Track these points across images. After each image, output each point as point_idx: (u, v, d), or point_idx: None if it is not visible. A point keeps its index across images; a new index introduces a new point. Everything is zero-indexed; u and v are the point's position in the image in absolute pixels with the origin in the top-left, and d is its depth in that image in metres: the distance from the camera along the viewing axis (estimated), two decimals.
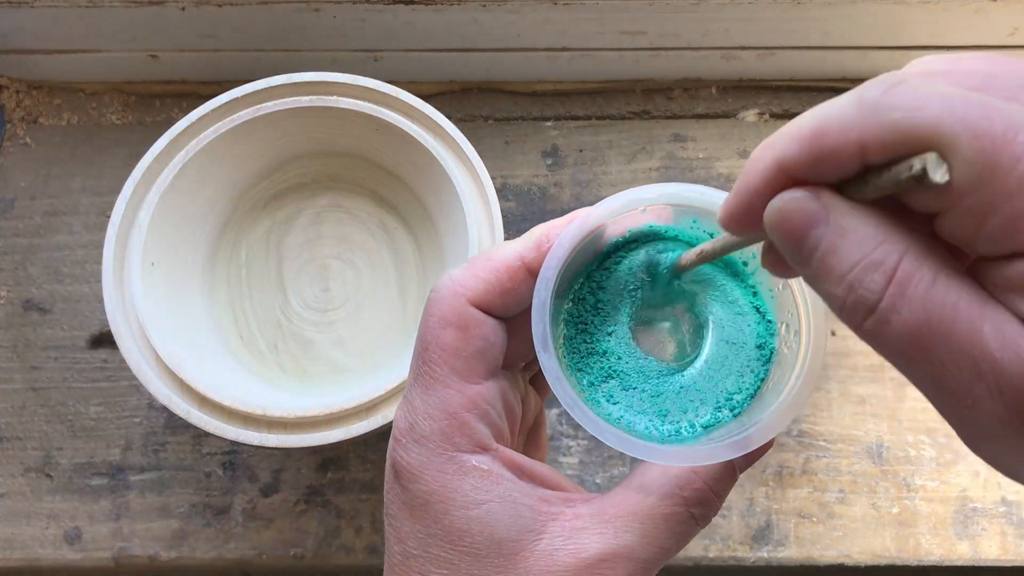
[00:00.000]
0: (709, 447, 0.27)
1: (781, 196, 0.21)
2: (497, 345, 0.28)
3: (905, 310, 0.19)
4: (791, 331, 0.29)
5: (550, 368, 0.27)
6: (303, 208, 0.52)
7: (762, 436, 0.27)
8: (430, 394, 0.28)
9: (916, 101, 0.18)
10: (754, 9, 0.53)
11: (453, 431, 0.27)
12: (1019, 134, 0.17)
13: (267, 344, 0.49)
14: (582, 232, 0.29)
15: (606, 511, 0.27)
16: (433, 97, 0.59)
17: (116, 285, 0.44)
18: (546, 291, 0.28)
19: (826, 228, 0.20)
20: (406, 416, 0.28)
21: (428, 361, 0.28)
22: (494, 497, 0.27)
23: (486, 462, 0.27)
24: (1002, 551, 0.49)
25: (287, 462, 0.51)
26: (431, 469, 0.27)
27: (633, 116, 0.59)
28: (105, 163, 0.58)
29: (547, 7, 0.53)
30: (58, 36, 0.56)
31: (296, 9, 0.53)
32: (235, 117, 0.47)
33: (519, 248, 0.29)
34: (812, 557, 0.49)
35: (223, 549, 0.50)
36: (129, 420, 0.52)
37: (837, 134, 0.20)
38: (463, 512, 0.26)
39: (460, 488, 0.27)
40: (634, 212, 0.30)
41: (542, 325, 0.27)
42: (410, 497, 0.27)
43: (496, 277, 0.28)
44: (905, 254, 0.19)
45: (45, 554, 0.50)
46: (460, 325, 0.28)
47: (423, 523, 0.27)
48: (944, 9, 0.53)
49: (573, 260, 0.29)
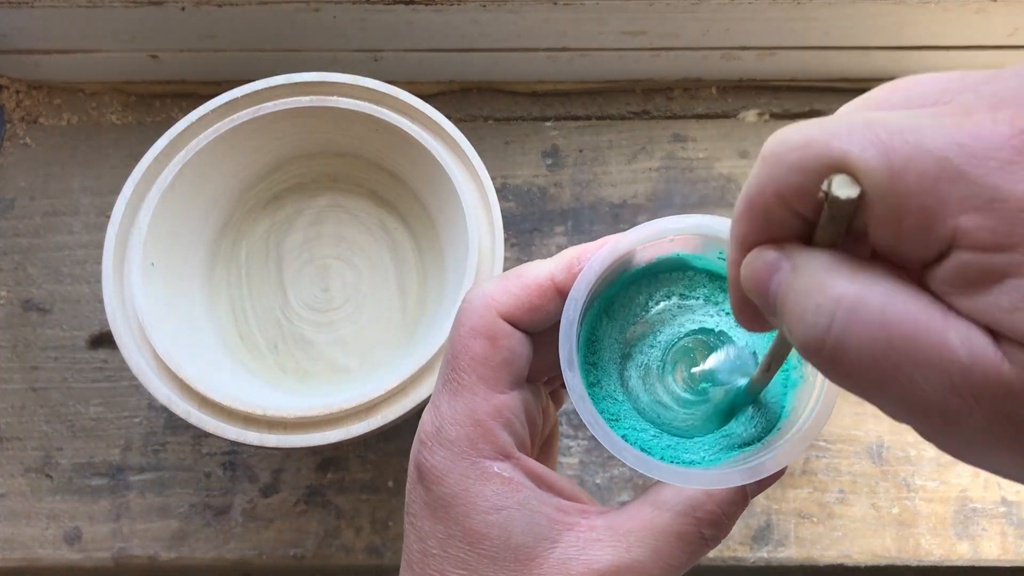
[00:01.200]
0: (723, 471, 0.28)
1: (747, 257, 0.22)
2: (523, 357, 0.29)
3: (862, 332, 0.18)
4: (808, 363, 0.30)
5: (575, 387, 0.28)
6: (303, 208, 0.52)
7: (775, 464, 0.28)
8: (457, 400, 0.29)
9: (804, 137, 0.19)
10: (754, 9, 0.53)
11: (478, 437, 0.28)
12: (904, 135, 0.18)
13: (267, 344, 0.49)
14: (612, 257, 0.29)
15: (620, 525, 0.28)
16: (433, 97, 0.59)
17: (116, 285, 0.44)
18: (574, 312, 0.29)
19: (784, 271, 0.20)
20: (433, 420, 0.29)
21: (457, 368, 0.29)
22: (513, 504, 0.28)
23: (508, 469, 0.28)
24: (1002, 551, 0.49)
25: (287, 462, 0.51)
26: (455, 473, 0.28)
27: (633, 116, 0.59)
28: (105, 163, 0.58)
29: (547, 7, 0.53)
30: (58, 36, 0.56)
31: (296, 9, 0.53)
32: (235, 117, 0.47)
33: (551, 268, 0.30)
34: (812, 557, 0.49)
35: (223, 549, 0.50)
36: (129, 420, 0.52)
37: (759, 196, 0.20)
38: (483, 516, 0.27)
39: (482, 493, 0.28)
40: (663, 240, 0.31)
41: (569, 345, 0.28)
42: (433, 498, 0.28)
43: (527, 294, 0.29)
44: (854, 276, 0.19)
45: (45, 554, 0.50)
46: (489, 336, 0.29)
47: (444, 524, 0.28)
48: (944, 9, 0.53)
49: (602, 283, 0.30)
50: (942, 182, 0.17)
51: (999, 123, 0.17)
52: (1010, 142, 0.17)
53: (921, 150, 0.17)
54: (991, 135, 0.17)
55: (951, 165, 0.17)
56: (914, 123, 0.18)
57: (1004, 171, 0.17)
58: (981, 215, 0.17)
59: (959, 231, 0.17)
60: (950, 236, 0.18)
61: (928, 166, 0.17)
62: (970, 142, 0.17)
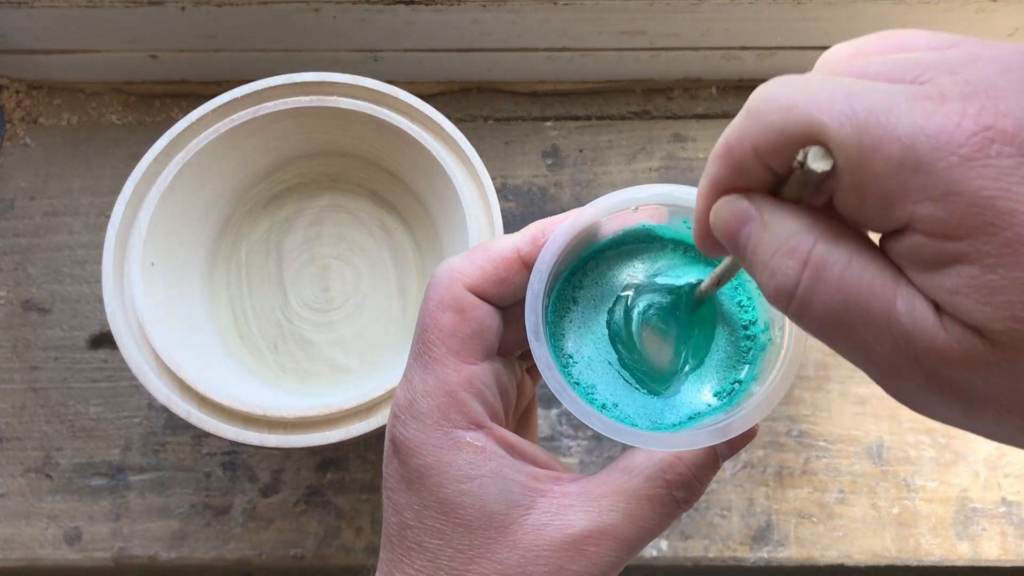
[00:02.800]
0: (691, 433, 0.28)
1: (719, 201, 0.23)
2: (492, 328, 0.30)
3: (823, 292, 0.20)
4: (775, 326, 0.31)
5: (541, 356, 0.29)
6: (303, 208, 0.52)
7: (742, 424, 0.28)
8: (428, 373, 0.29)
9: (788, 100, 0.20)
10: (754, 9, 0.53)
11: (449, 408, 0.28)
12: (879, 116, 0.19)
13: (267, 344, 0.49)
14: (575, 228, 0.30)
15: (592, 490, 0.29)
16: (433, 97, 0.59)
17: (116, 285, 0.44)
18: (539, 283, 0.29)
19: (754, 223, 0.22)
20: (405, 394, 0.29)
21: (426, 342, 0.29)
22: (486, 472, 0.28)
23: (479, 439, 0.28)
24: (1002, 551, 0.49)
25: (287, 462, 0.51)
26: (428, 444, 0.28)
27: (633, 116, 0.59)
28: (105, 163, 0.58)
29: (547, 7, 0.53)
30: (58, 36, 0.56)
31: (296, 9, 0.53)
32: (235, 117, 0.47)
33: (516, 241, 0.30)
34: (812, 557, 0.49)
35: (223, 549, 0.50)
36: (129, 420, 0.52)
37: (737, 146, 0.22)
38: (456, 485, 0.28)
39: (454, 462, 0.28)
40: (627, 211, 0.31)
41: (535, 316, 0.29)
42: (407, 471, 0.29)
43: (493, 266, 0.30)
44: (819, 240, 0.21)
45: (45, 554, 0.50)
46: (457, 308, 0.29)
47: (419, 495, 0.28)
48: (944, 9, 0.53)
49: (568, 255, 0.31)
50: (905, 169, 0.18)
51: (966, 116, 0.18)
52: (972, 139, 0.18)
53: (891, 135, 0.19)
54: (956, 129, 0.18)
55: (915, 155, 0.18)
56: (890, 103, 0.19)
57: (963, 166, 0.18)
58: (936, 205, 0.18)
59: (915, 216, 0.19)
60: (907, 219, 0.19)
61: (895, 152, 0.19)
62: (936, 133, 0.18)
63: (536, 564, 0.27)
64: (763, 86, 0.21)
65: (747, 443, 0.30)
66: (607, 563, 0.28)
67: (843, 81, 0.20)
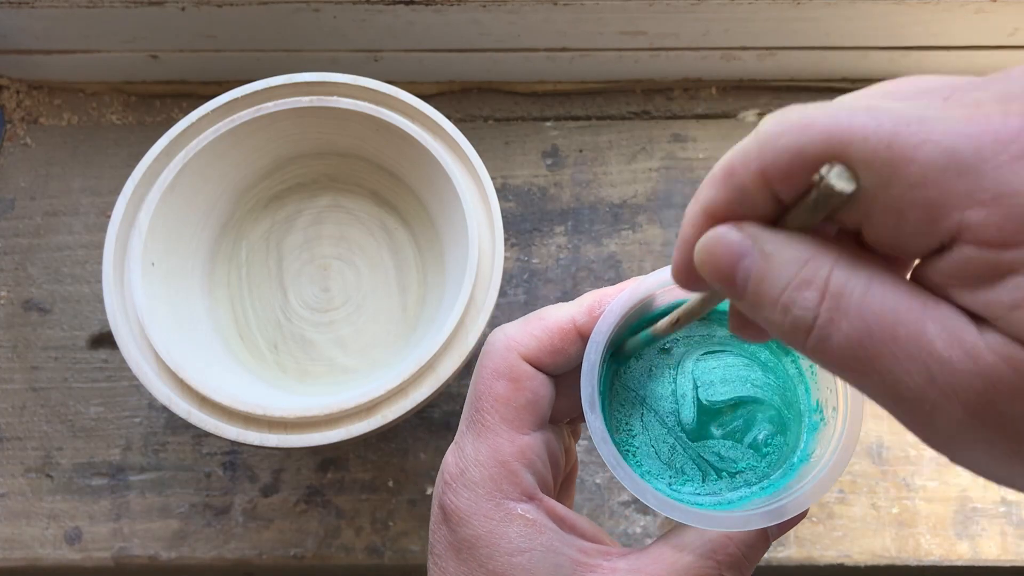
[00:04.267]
0: (745, 514, 0.28)
1: (705, 235, 0.21)
2: (546, 399, 0.30)
3: (844, 322, 0.18)
4: (829, 407, 0.30)
5: (596, 429, 0.28)
6: (303, 208, 0.52)
7: (796, 507, 0.28)
8: (481, 442, 0.29)
9: (803, 120, 0.19)
10: (754, 9, 0.53)
11: (502, 479, 0.28)
12: (911, 124, 0.17)
13: (267, 344, 0.49)
14: (632, 301, 0.30)
15: (642, 568, 0.28)
16: (433, 97, 0.59)
17: (116, 285, 0.44)
18: (596, 355, 0.29)
19: (753, 258, 0.20)
20: (457, 461, 0.29)
21: (480, 410, 0.29)
22: (537, 546, 0.28)
23: (531, 511, 0.28)
24: (1002, 551, 0.49)
25: (287, 462, 0.51)
26: (479, 514, 0.28)
27: (633, 116, 0.59)
28: (105, 163, 0.58)
29: (547, 7, 0.53)
30: (58, 36, 0.56)
31: (296, 9, 0.53)
32: (235, 117, 0.47)
33: (572, 311, 0.30)
34: (812, 557, 0.49)
35: (223, 549, 0.50)
36: (129, 420, 0.52)
37: (742, 170, 0.20)
38: (507, 558, 0.27)
39: (506, 534, 0.28)
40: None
41: (590, 388, 0.29)
42: (457, 540, 0.28)
43: (548, 336, 0.29)
44: (835, 267, 0.19)
45: (45, 554, 0.50)
46: (512, 377, 0.29)
47: (468, 565, 0.28)
48: (944, 10, 0.53)
49: (623, 325, 0.31)
50: (948, 174, 0.17)
51: (1010, 115, 0.17)
52: (1021, 135, 0.16)
53: (928, 141, 0.17)
54: (1002, 127, 0.17)
55: (959, 157, 0.17)
56: (920, 113, 0.17)
57: (1013, 165, 0.16)
58: (988, 210, 0.17)
59: (964, 225, 0.17)
60: (954, 230, 0.17)
61: (935, 157, 0.17)
62: (979, 134, 0.17)
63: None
64: (773, 113, 0.20)
65: (798, 523, 0.30)
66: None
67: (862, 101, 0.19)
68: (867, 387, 0.19)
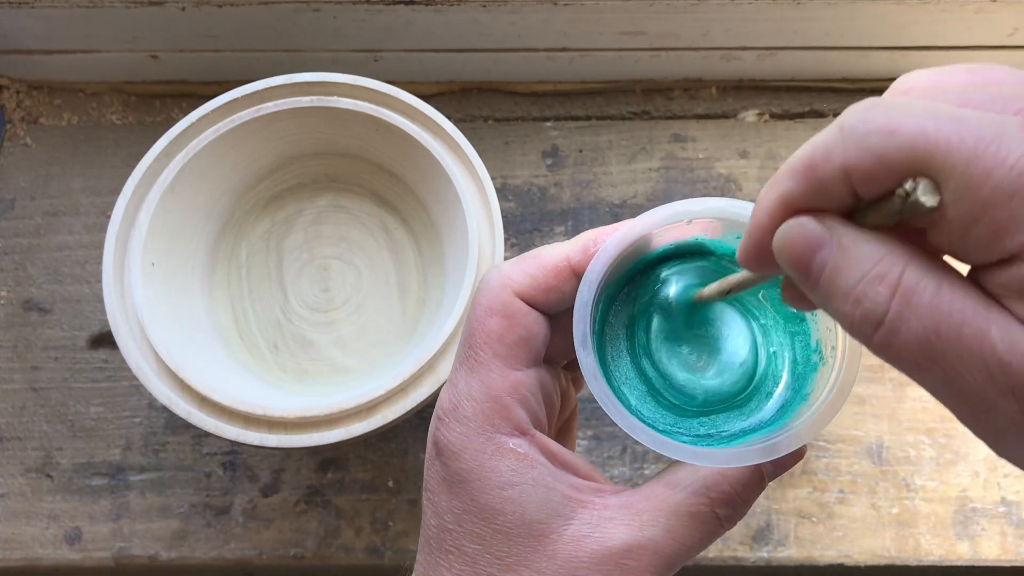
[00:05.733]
0: (739, 450, 0.28)
1: (786, 223, 0.22)
2: (539, 336, 0.30)
3: (912, 319, 0.19)
4: (827, 346, 0.30)
5: (588, 366, 0.28)
6: (303, 208, 0.52)
7: (790, 443, 0.27)
8: (474, 377, 0.29)
9: (890, 124, 0.19)
10: (754, 9, 0.53)
11: (494, 413, 0.28)
12: (990, 145, 0.18)
13: (267, 344, 0.49)
14: (628, 240, 0.29)
15: (634, 504, 0.28)
16: (433, 97, 0.59)
17: (116, 285, 0.44)
18: (589, 293, 0.29)
19: (830, 249, 0.21)
20: (450, 397, 0.29)
21: (474, 346, 0.29)
22: (528, 480, 0.28)
23: (522, 446, 0.28)
24: (1002, 551, 0.49)
25: (287, 462, 0.51)
26: (471, 448, 0.28)
27: (633, 116, 0.59)
28: (105, 163, 0.58)
29: (547, 7, 0.53)
30: (58, 36, 0.56)
31: (296, 9, 0.53)
32: (235, 117, 0.47)
33: (567, 250, 0.30)
34: (812, 557, 0.49)
35: (223, 549, 0.50)
36: (129, 420, 0.52)
37: (823, 164, 0.20)
38: (498, 492, 0.28)
39: (497, 468, 0.28)
40: (681, 224, 0.30)
41: (583, 325, 0.29)
42: (450, 474, 0.29)
43: (543, 274, 0.30)
44: (908, 266, 0.20)
45: (45, 554, 0.50)
46: (505, 314, 0.29)
47: (460, 499, 0.28)
48: (944, 9, 0.53)
49: (618, 266, 0.30)
50: (1017, 199, 0.18)
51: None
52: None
53: (1002, 164, 0.18)
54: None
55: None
56: (998, 129, 0.18)
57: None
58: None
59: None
60: (1017, 249, 0.18)
61: (1008, 182, 0.18)
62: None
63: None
64: (857, 105, 0.20)
65: (795, 463, 0.29)
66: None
67: (946, 108, 0.19)
68: (928, 382, 0.20)
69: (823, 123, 0.59)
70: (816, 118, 0.59)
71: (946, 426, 0.51)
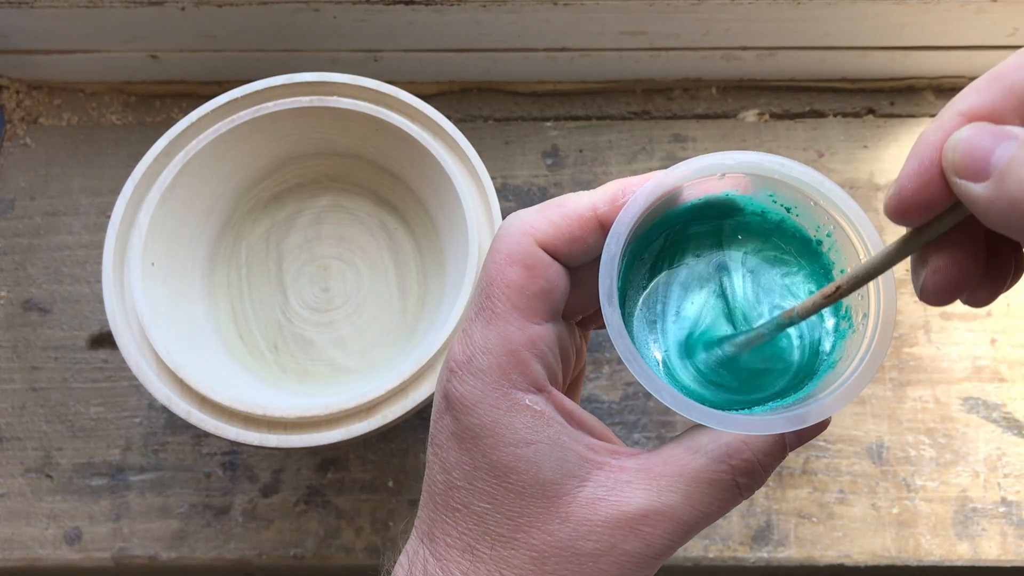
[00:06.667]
0: (764, 418, 0.26)
1: (962, 129, 0.21)
2: (560, 289, 0.28)
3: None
4: (858, 313, 0.29)
5: (613, 322, 0.27)
6: (303, 208, 0.52)
7: (819, 414, 0.26)
8: (491, 328, 0.27)
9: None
10: (754, 9, 0.53)
11: (511, 367, 0.27)
12: None
13: (267, 344, 0.49)
14: (658, 191, 0.28)
15: (652, 468, 0.27)
16: (433, 97, 0.59)
17: (116, 285, 0.44)
18: (616, 246, 0.27)
19: (1016, 144, 0.20)
20: (464, 348, 0.28)
21: (491, 296, 0.28)
22: (543, 438, 0.27)
23: (539, 403, 0.27)
24: (1002, 551, 0.49)
25: (287, 462, 0.51)
26: (485, 403, 0.27)
27: (633, 116, 0.59)
28: (105, 163, 0.58)
29: (547, 7, 0.53)
30: (58, 36, 0.56)
31: (296, 9, 0.53)
32: (235, 117, 0.47)
33: (593, 199, 0.28)
34: (812, 557, 0.49)
35: (223, 549, 0.50)
36: (129, 420, 0.52)
37: (1014, 72, 0.20)
38: (512, 449, 0.27)
39: (511, 425, 0.27)
40: (712, 178, 0.29)
41: (609, 280, 0.27)
42: (461, 428, 0.27)
43: (567, 223, 0.28)
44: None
45: (45, 554, 0.50)
46: (526, 264, 0.28)
47: (471, 455, 0.27)
48: (944, 9, 0.53)
49: (646, 219, 0.29)
50: None
51: None
52: None
53: None
54: None
55: None
56: None
57: None
58: None
59: None
60: None
61: None
62: None
63: (587, 539, 0.26)
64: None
65: (817, 434, 0.28)
66: (661, 545, 0.27)
67: None
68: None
69: (823, 123, 0.59)
70: (816, 118, 0.59)
71: (946, 426, 0.51)
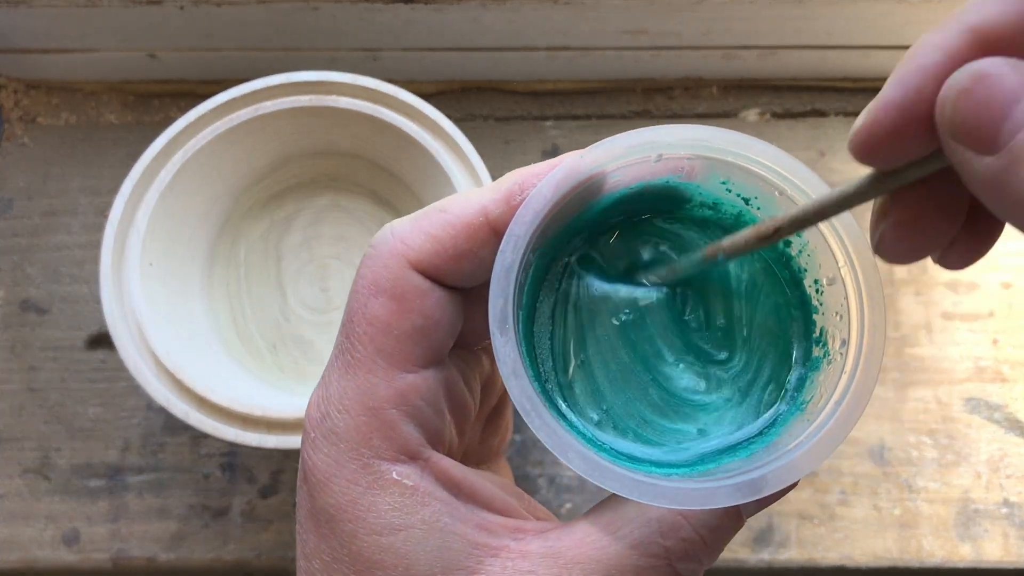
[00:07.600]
0: (708, 484, 0.20)
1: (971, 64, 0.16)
2: (443, 324, 0.22)
3: None
4: (836, 339, 0.22)
5: (505, 358, 0.20)
6: (302, 208, 0.52)
7: (782, 478, 0.20)
8: (348, 379, 0.22)
9: None
10: (755, 8, 0.52)
11: (372, 431, 0.21)
12: None
13: (266, 344, 0.49)
14: (570, 181, 0.22)
15: (562, 552, 0.21)
16: (433, 97, 0.59)
17: (114, 285, 0.44)
18: (513, 256, 0.21)
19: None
20: (318, 403, 0.22)
21: (350, 336, 0.22)
22: (416, 522, 0.21)
23: (411, 475, 0.22)
24: (1004, 553, 0.49)
25: (286, 463, 0.51)
26: (340, 478, 0.21)
27: (634, 116, 0.59)
28: (103, 163, 0.58)
29: (547, 6, 0.53)
30: (56, 36, 0.56)
31: (295, 8, 0.53)
32: (233, 117, 0.46)
33: (484, 200, 0.23)
34: (814, 559, 0.49)
35: (221, 551, 0.50)
36: (127, 421, 0.52)
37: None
38: (374, 539, 0.21)
39: (374, 507, 0.21)
40: (646, 161, 0.23)
41: (503, 299, 0.21)
42: (316, 508, 0.22)
43: (450, 235, 0.22)
44: None
45: (43, 555, 0.50)
46: (395, 295, 0.22)
47: (328, 543, 0.22)
48: (946, 9, 0.52)
49: (555, 218, 0.22)
50: None
51: None
52: None
53: None
54: None
55: None
56: None
57: None
58: None
59: None
60: None
61: None
62: None
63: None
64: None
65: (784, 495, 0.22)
66: None
67: None
68: None
69: (825, 122, 0.58)
70: (818, 117, 0.59)
71: (948, 427, 0.51)
